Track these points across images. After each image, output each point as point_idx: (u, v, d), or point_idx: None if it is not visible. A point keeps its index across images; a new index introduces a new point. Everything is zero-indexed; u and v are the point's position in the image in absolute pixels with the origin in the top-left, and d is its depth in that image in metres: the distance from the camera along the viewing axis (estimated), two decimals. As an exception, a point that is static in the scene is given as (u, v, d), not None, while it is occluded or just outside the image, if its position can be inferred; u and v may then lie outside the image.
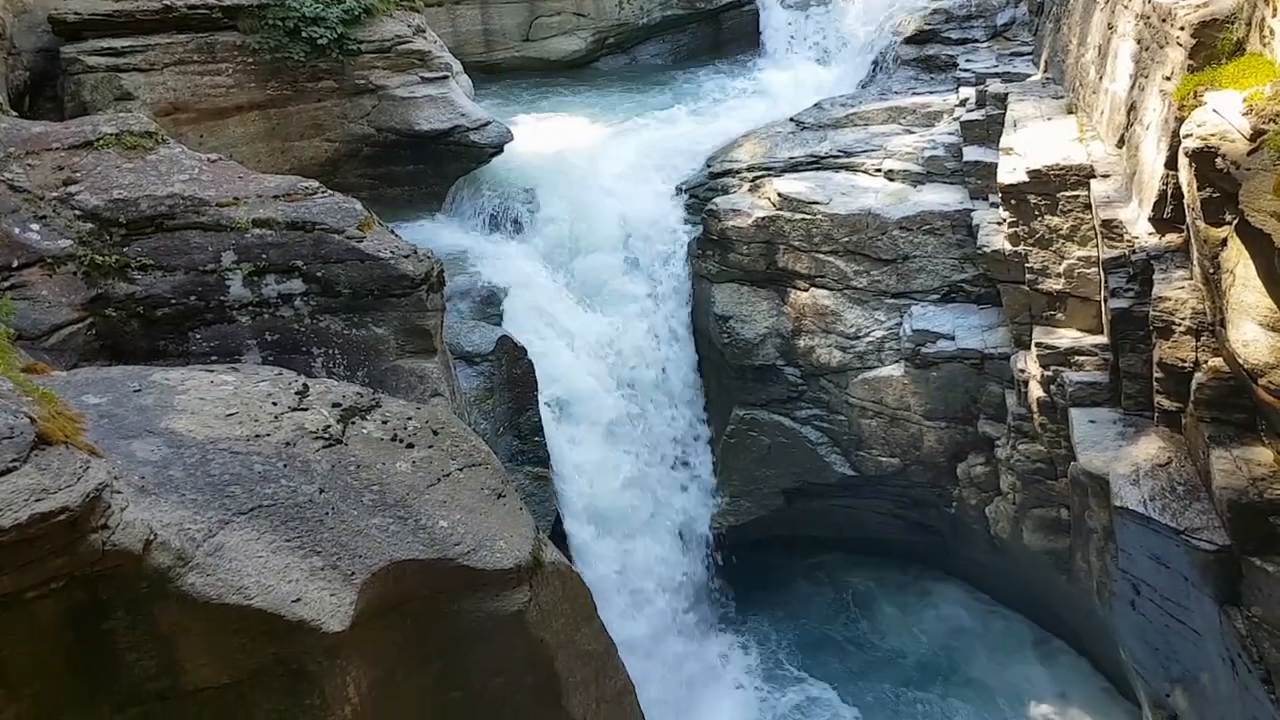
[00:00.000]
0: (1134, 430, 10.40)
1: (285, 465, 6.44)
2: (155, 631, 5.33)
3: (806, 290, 14.35)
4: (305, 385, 7.25)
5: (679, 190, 15.67)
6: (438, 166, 14.98)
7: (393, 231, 9.95)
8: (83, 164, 9.55)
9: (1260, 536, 8.24)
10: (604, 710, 7.90)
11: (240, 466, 6.25)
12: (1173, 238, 9.92)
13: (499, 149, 14.99)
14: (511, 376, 12.94)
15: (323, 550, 6.11)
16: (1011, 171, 11.87)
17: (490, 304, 13.45)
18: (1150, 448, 9.94)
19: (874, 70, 18.43)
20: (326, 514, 6.28)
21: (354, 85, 14.36)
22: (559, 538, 13.08)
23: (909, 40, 17.73)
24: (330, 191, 9.87)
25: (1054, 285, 11.71)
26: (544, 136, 16.73)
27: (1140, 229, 10.23)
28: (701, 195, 15.34)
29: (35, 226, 8.96)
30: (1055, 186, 11.49)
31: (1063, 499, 12.32)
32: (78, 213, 9.14)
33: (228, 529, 5.82)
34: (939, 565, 16.04)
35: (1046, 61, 14.83)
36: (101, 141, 9.76)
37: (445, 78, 15.00)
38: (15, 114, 11.30)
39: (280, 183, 9.84)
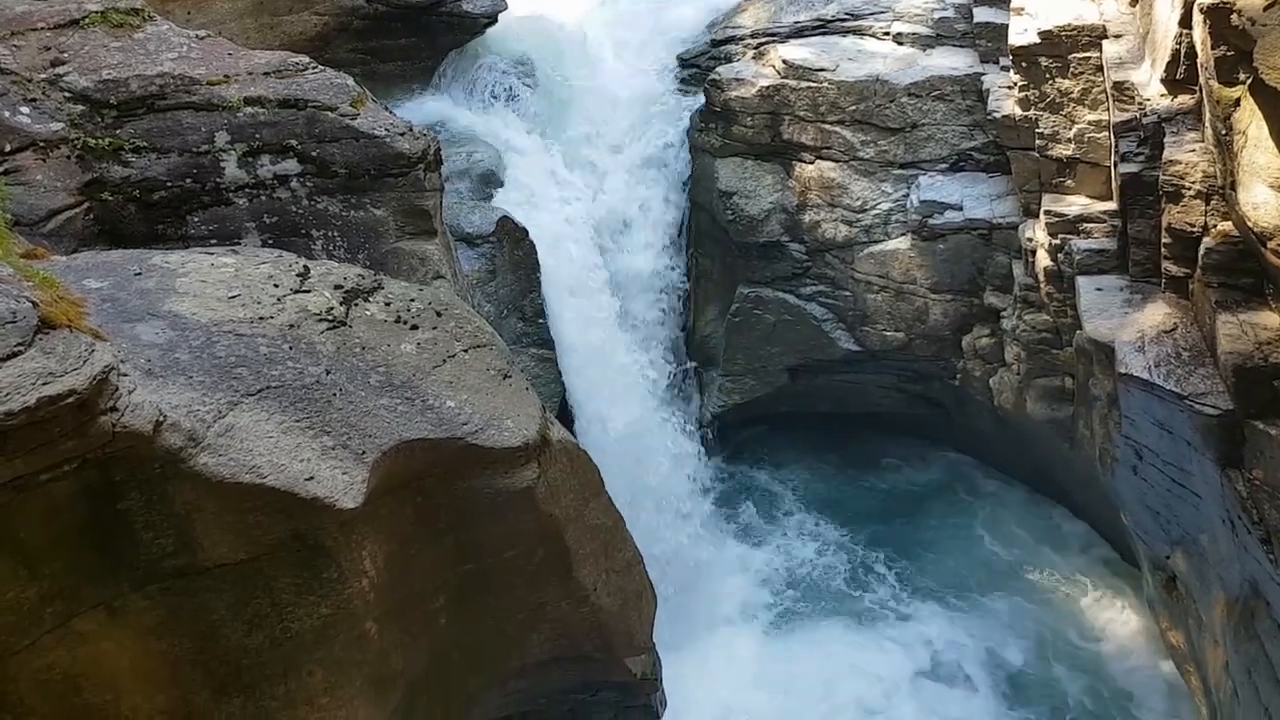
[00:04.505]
0: (1141, 297, 10.37)
1: (290, 347, 6.43)
2: (170, 511, 5.40)
3: (812, 163, 14.12)
4: (306, 267, 7.18)
5: (680, 60, 15.28)
6: (430, 39, 14.55)
7: (387, 108, 9.74)
8: (69, 44, 9.29)
9: (1264, 400, 8.28)
10: (613, 580, 8.08)
11: (246, 349, 6.24)
12: (1185, 99, 9.71)
13: (493, 19, 14.53)
14: (514, 258, 12.83)
15: (332, 430, 6.15)
16: (1022, 33, 11.56)
17: (489, 183, 13.26)
18: (1156, 314, 9.92)
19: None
20: (334, 395, 6.30)
21: (341, -46, 13.87)
22: (565, 418, 13.22)
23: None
24: (321, 67, 9.60)
25: (1064, 151, 11.53)
26: (540, 4, 16.23)
27: (1152, 91, 10.02)
28: (703, 65, 14.96)
29: (25, 109, 8.76)
30: (1067, 48, 11.21)
31: (1067, 368, 12.37)
32: (67, 94, 8.93)
33: (237, 410, 5.84)
34: (942, 438, 16.23)
35: (1060, -84, 14.26)
36: (87, 20, 9.46)
37: (435, -58, 14.47)
38: (-5, -7, 10.96)
39: (270, 59, 9.58)
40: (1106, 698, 12.96)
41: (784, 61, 14.09)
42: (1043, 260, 11.82)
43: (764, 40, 14.66)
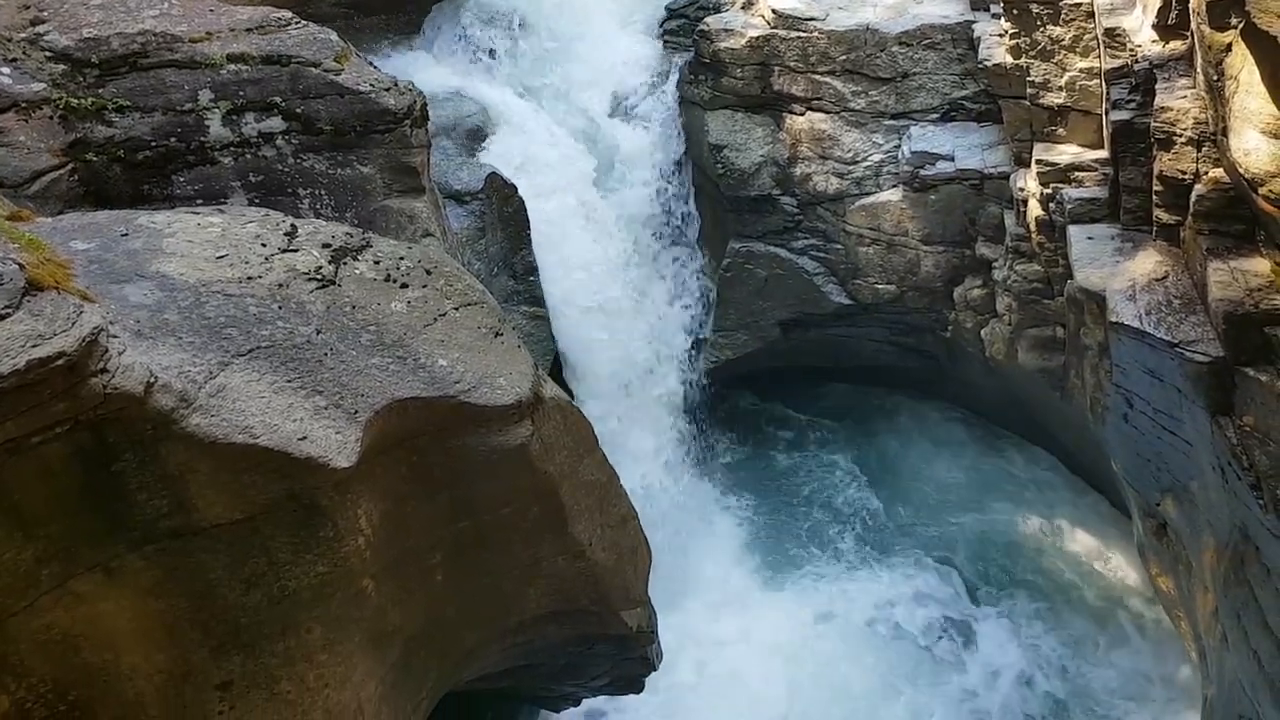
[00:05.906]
0: (1132, 246, 10.35)
1: (280, 307, 6.41)
2: (164, 472, 5.41)
3: (803, 114, 14.01)
4: (294, 226, 7.14)
5: (669, 10, 15.10)
6: (415, -7, 14.36)
7: (371, 63, 9.64)
8: (49, 2, 9.18)
9: (1255, 347, 8.29)
10: (608, 535, 8.14)
11: (235, 309, 6.22)
12: (1176, 45, 9.63)
13: (479, -29, 14.36)
14: (503, 215, 12.73)
15: (324, 390, 6.15)
16: (1013, -21, 11.43)
17: (477, 139, 13.13)
18: (1147, 262, 9.90)
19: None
20: (325, 354, 6.29)
21: (322, -96, 13.60)
22: (558, 375, 13.22)
23: None
24: (304, 22, 9.50)
25: (1055, 99, 11.44)
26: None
27: (1144, 37, 9.93)
28: (692, 15, 14.78)
29: (6, 70, 8.66)
30: (1058, -6, 11.09)
31: (1058, 318, 12.38)
32: (48, 54, 8.82)
33: (228, 370, 5.83)
34: (934, 390, 16.27)
35: None
36: (65, -23, 9.34)
37: (418, -110, 14.21)
38: (-30, -48, 10.77)
39: (252, 14, 9.46)
40: (1096, 643, 13.12)
41: (773, 11, 13.92)
42: (1034, 210, 11.79)
43: (753, -11, 14.49)
